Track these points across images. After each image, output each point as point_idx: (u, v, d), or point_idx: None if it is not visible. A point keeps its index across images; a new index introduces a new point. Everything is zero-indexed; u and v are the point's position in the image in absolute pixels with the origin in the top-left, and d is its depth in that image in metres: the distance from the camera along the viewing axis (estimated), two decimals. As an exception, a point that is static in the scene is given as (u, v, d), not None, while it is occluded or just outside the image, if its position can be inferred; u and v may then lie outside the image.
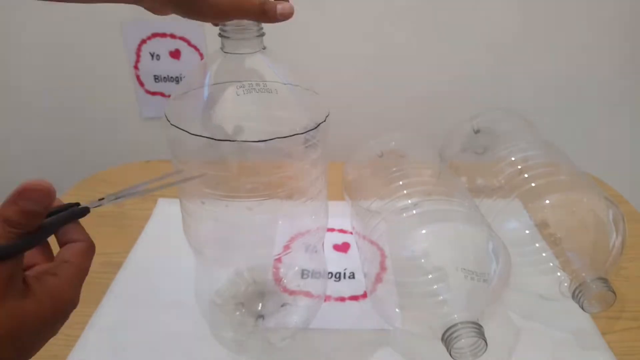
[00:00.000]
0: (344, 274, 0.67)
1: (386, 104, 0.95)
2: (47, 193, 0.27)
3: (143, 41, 0.87)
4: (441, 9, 0.85)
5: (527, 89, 0.94)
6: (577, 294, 0.51)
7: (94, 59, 0.90)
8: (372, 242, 0.63)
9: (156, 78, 0.90)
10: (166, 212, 0.77)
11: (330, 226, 0.62)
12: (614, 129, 1.00)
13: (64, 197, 0.83)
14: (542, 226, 0.57)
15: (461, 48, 0.89)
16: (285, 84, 0.44)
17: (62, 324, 0.30)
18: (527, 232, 0.57)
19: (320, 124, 0.43)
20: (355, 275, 0.66)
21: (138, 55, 0.88)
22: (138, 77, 0.91)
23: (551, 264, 0.53)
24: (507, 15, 0.86)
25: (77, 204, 0.32)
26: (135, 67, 0.89)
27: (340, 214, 0.73)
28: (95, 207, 0.32)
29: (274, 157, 0.44)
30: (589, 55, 0.91)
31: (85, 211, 0.31)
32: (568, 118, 0.98)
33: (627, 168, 1.03)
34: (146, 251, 0.69)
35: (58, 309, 0.29)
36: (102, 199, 0.33)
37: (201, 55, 0.88)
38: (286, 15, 0.38)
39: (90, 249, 0.31)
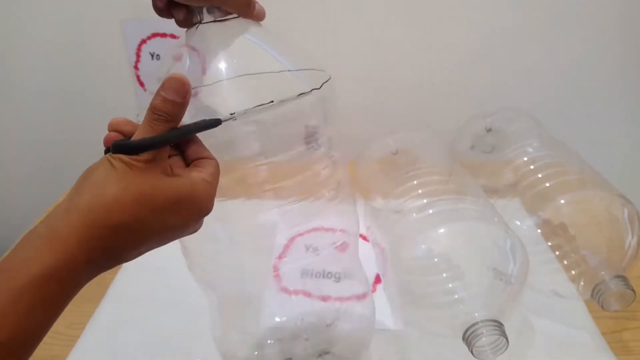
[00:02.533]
0: (344, 274, 0.66)
1: (389, 102, 0.95)
2: (182, 83, 0.31)
3: (143, 41, 0.87)
4: (444, 5, 0.85)
5: (528, 86, 0.94)
6: (597, 293, 0.51)
7: (94, 59, 0.90)
8: (373, 242, 0.63)
9: (156, 78, 0.90)
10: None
11: (329, 226, 0.62)
12: (614, 128, 1.00)
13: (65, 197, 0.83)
14: (557, 225, 0.56)
15: (464, 45, 0.89)
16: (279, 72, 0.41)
17: (196, 219, 0.32)
18: (540, 230, 0.57)
19: (314, 89, 0.40)
20: (356, 276, 0.66)
21: (138, 56, 0.88)
22: (138, 77, 0.90)
23: (565, 262, 0.53)
24: (510, 11, 0.86)
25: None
26: (135, 67, 0.89)
27: (340, 214, 0.73)
28: (226, 120, 0.34)
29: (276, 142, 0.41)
30: (589, 54, 0.91)
31: (217, 122, 0.33)
32: (567, 117, 0.98)
33: (627, 168, 1.03)
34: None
35: (195, 196, 0.31)
36: (233, 113, 0.34)
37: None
38: (260, 17, 0.40)
39: (218, 166, 0.33)
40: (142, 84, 0.91)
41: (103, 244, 0.28)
